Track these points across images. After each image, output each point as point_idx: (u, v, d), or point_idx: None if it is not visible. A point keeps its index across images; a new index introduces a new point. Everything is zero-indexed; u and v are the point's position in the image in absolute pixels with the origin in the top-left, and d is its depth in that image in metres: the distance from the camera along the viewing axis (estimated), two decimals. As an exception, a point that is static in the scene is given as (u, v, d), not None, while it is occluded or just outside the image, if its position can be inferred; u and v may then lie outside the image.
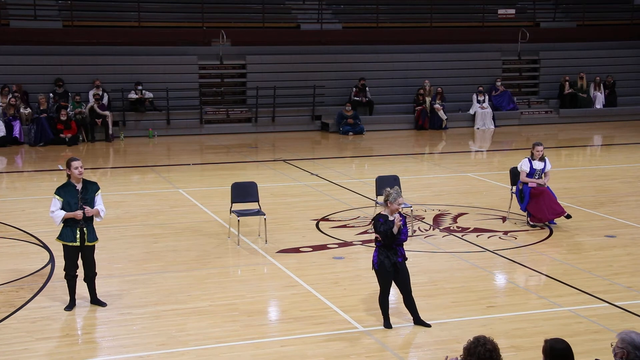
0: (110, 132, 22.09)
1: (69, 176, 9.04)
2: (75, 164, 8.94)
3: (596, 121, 26.13)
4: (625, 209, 14.00)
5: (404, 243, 8.48)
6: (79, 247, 9.03)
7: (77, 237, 8.98)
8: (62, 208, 8.96)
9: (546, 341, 5.36)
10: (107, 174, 18.15)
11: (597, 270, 10.59)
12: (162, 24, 24.98)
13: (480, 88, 25.17)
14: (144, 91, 22.93)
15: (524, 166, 12.77)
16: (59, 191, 9.02)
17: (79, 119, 21.73)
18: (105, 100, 22.36)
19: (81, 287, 9.19)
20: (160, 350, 7.97)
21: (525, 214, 12.96)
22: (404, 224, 8.41)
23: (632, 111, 26.73)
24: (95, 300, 9.24)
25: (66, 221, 8.97)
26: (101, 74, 22.92)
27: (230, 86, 24.99)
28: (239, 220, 11.80)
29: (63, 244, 9.07)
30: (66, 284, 9.16)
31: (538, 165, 12.76)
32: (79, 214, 8.90)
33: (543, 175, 12.79)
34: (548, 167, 12.86)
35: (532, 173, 12.73)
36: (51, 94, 22.21)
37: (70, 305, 9.11)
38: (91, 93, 22.34)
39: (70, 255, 9.04)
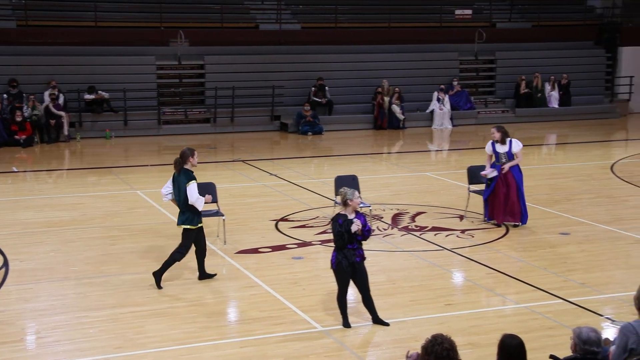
0: (67, 133, 21.79)
1: (187, 164, 9.86)
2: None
3: (551, 120, 26.53)
4: (579, 207, 14.25)
5: (363, 242, 8.49)
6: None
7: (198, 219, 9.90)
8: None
9: (502, 335, 5.53)
10: (63, 175, 17.91)
11: (552, 267, 10.76)
12: (119, 24, 24.72)
13: (442, 86, 25.37)
14: (100, 91, 22.65)
15: (487, 149, 12.66)
16: (195, 176, 9.79)
17: (34, 120, 21.42)
18: (61, 101, 22.05)
19: (42, 291, 9.06)
20: (118, 354, 7.90)
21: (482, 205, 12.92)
22: (364, 222, 8.40)
23: (585, 110, 27.18)
24: (205, 275, 10.05)
25: (193, 207, 9.71)
26: (57, 75, 22.60)
27: (189, 86, 24.83)
28: (197, 222, 11.72)
29: (191, 228, 9.78)
30: (159, 268, 9.83)
31: (501, 148, 12.47)
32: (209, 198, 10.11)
33: (515, 157, 12.45)
34: (515, 148, 12.45)
35: (496, 156, 12.55)
36: (5, 95, 21.84)
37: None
38: (47, 93, 22.02)
39: (192, 237, 9.83)
